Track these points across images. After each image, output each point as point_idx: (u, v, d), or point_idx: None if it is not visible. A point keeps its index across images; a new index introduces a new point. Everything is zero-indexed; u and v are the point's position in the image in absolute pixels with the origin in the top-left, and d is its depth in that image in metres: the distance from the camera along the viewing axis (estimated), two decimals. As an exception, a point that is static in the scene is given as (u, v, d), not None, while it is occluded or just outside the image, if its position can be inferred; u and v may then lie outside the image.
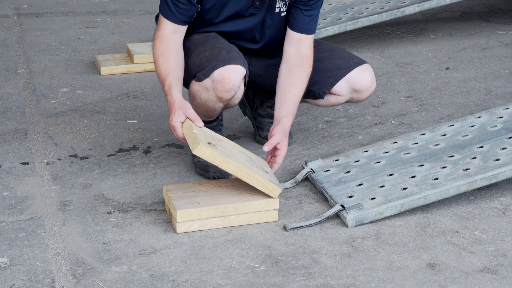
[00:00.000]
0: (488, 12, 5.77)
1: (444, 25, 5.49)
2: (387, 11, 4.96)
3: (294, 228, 3.06)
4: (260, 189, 3.09)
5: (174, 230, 3.04)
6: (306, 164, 3.45)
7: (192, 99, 3.32)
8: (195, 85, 3.27)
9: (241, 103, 3.80)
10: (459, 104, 4.22)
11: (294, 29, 3.38)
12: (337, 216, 3.15)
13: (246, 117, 3.90)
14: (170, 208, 3.07)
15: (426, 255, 2.90)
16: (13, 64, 4.75)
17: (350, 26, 4.92)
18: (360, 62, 3.47)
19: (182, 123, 3.11)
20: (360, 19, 4.93)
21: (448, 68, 4.74)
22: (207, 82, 3.22)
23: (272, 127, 3.32)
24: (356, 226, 3.07)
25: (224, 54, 3.21)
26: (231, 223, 3.06)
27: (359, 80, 3.44)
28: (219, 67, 3.18)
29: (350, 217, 3.06)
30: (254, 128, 3.81)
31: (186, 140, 3.08)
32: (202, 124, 3.12)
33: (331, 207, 3.17)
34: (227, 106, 3.32)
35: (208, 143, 3.04)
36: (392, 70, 4.72)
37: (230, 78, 3.18)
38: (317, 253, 2.92)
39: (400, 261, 2.87)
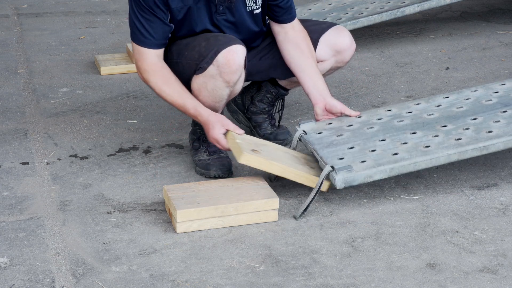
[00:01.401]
0: (488, 12, 5.77)
1: (444, 25, 5.49)
2: (387, 11, 4.96)
3: (302, 214, 3.09)
4: (309, 185, 3.14)
5: (174, 230, 3.04)
6: (299, 125, 3.46)
7: (197, 94, 3.32)
8: (198, 78, 3.27)
9: (232, 111, 3.82)
10: (459, 104, 4.22)
11: (284, 22, 3.48)
12: (336, 215, 3.15)
13: (242, 124, 3.89)
14: (170, 208, 3.07)
15: (426, 255, 2.90)
16: (13, 64, 4.75)
17: (350, 26, 4.92)
18: (332, 24, 3.58)
19: (225, 134, 3.21)
20: (360, 19, 4.93)
21: (448, 68, 4.74)
22: (211, 69, 3.23)
23: (317, 104, 3.45)
24: (344, 187, 3.09)
25: (221, 39, 3.25)
26: (231, 223, 3.07)
27: (338, 40, 3.54)
28: (221, 51, 3.20)
29: (339, 178, 3.06)
30: (252, 130, 3.80)
31: (231, 150, 3.19)
32: (242, 131, 3.22)
33: (322, 169, 3.17)
34: (232, 94, 3.34)
35: (252, 150, 3.11)
36: (392, 70, 4.72)
37: (234, 58, 3.21)
38: (317, 253, 2.92)
39: (400, 261, 2.87)
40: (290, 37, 3.48)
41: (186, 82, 3.33)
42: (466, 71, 4.70)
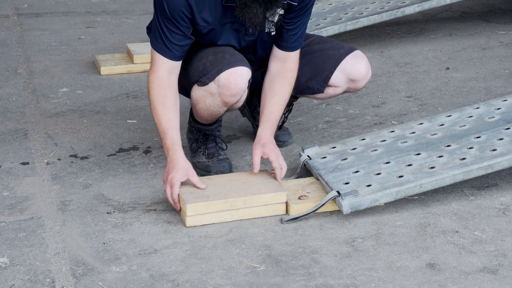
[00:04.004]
0: (488, 12, 5.77)
1: (444, 25, 5.50)
2: (387, 11, 4.96)
3: (290, 220, 3.08)
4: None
5: (183, 224, 3.05)
6: (303, 151, 3.46)
7: (195, 103, 3.30)
8: (198, 90, 3.26)
9: None
10: (459, 104, 4.22)
11: (281, 48, 3.36)
12: (337, 215, 3.15)
13: (245, 117, 3.90)
14: (180, 202, 3.08)
15: (426, 255, 2.90)
16: (13, 64, 4.75)
17: (350, 26, 4.92)
18: (350, 50, 3.49)
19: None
20: (360, 19, 4.93)
21: (448, 68, 4.74)
22: (212, 86, 3.21)
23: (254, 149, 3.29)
24: (351, 212, 3.08)
25: (228, 58, 3.20)
26: (239, 217, 3.08)
27: (355, 69, 3.46)
28: (224, 70, 3.16)
29: (345, 203, 3.07)
30: (253, 128, 3.81)
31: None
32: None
33: (327, 193, 3.18)
34: (230, 109, 3.32)
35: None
36: (392, 70, 4.72)
37: (237, 82, 3.17)
38: (317, 253, 2.92)
39: (400, 261, 2.87)
40: (273, 70, 3.37)
41: (189, 88, 3.32)
42: (466, 71, 4.70)
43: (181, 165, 3.12)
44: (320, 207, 3.11)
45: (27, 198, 3.27)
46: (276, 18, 3.26)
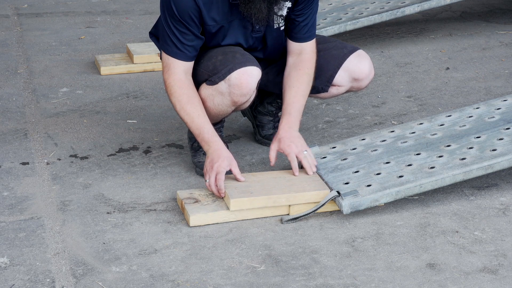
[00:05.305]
0: (488, 12, 5.77)
1: (444, 25, 5.50)
2: (387, 11, 4.97)
3: (290, 220, 3.08)
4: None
5: (187, 224, 3.06)
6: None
7: (202, 102, 3.30)
8: (207, 89, 3.25)
9: None
10: (459, 104, 4.22)
11: (295, 40, 3.39)
12: (337, 215, 3.15)
13: (246, 117, 3.90)
14: (225, 198, 3.11)
15: (426, 255, 2.91)
16: (13, 64, 4.75)
17: (350, 26, 4.92)
18: (354, 49, 3.50)
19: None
20: (360, 19, 4.93)
21: (448, 68, 4.74)
22: (222, 86, 3.21)
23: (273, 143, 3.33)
24: (351, 212, 3.08)
25: (239, 57, 3.21)
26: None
27: (358, 69, 3.47)
28: (236, 70, 3.17)
29: (345, 203, 3.07)
30: (254, 128, 3.81)
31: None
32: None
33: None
34: (236, 109, 3.33)
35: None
36: (392, 70, 4.72)
37: (248, 82, 3.18)
38: (317, 253, 2.92)
39: (400, 261, 2.87)
40: (295, 59, 3.40)
41: (197, 87, 3.32)
42: (466, 71, 4.70)
43: (225, 155, 3.17)
44: (320, 207, 3.11)
45: (27, 198, 3.27)
46: (284, 12, 3.28)
